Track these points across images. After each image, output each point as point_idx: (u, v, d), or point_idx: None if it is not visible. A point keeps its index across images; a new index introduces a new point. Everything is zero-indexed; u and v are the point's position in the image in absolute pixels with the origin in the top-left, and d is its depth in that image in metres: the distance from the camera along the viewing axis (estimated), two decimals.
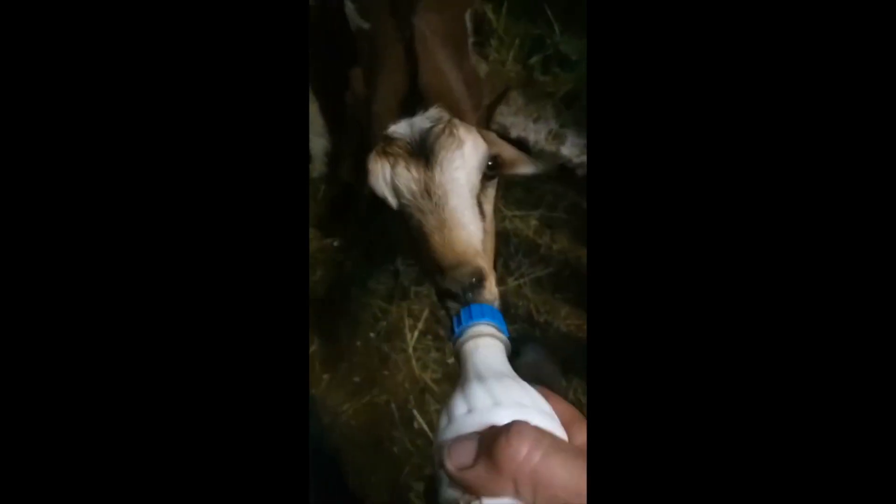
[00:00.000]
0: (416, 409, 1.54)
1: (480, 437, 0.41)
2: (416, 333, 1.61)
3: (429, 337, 1.62)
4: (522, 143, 1.63)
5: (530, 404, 0.45)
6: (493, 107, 1.14)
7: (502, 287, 1.34)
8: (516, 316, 1.58)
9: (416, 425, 1.53)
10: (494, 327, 0.56)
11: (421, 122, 0.89)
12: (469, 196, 0.85)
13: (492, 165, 0.89)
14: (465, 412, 0.44)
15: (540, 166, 1.05)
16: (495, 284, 0.81)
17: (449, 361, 1.57)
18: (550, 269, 1.62)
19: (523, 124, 1.67)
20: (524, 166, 1.04)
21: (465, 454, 0.40)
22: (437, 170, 0.84)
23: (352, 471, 1.47)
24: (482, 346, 0.54)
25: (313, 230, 1.73)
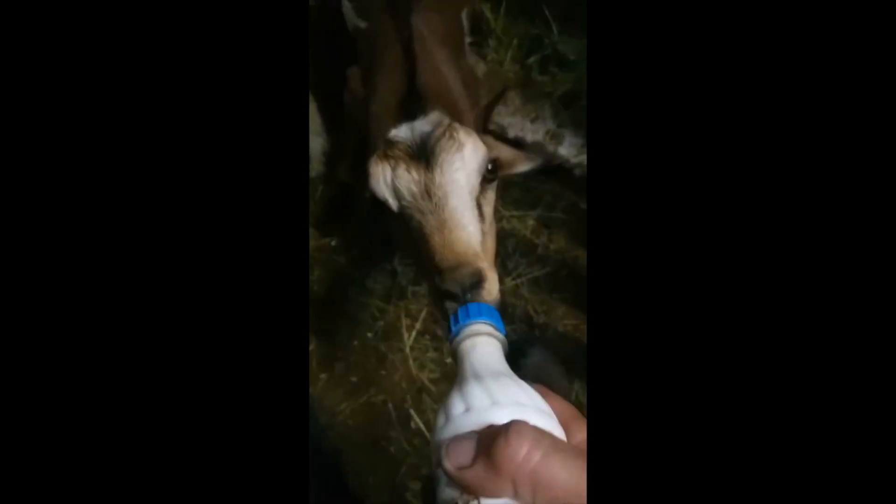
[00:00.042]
0: (413, 408, 1.54)
1: (479, 436, 0.40)
2: (413, 333, 1.61)
3: (426, 337, 1.61)
4: (520, 144, 1.63)
5: (528, 403, 0.44)
6: (490, 107, 1.14)
7: (500, 287, 1.34)
8: (513, 316, 1.57)
9: (413, 425, 1.52)
10: (492, 326, 0.56)
11: (421, 126, 0.90)
12: (469, 198, 0.86)
13: (491, 169, 0.90)
14: (463, 411, 0.44)
15: (537, 159, 1.06)
16: (496, 286, 0.81)
17: (447, 361, 1.57)
18: (548, 269, 1.62)
19: (521, 124, 1.67)
20: (522, 164, 1.04)
21: (463, 454, 0.39)
22: (437, 171, 0.85)
23: (351, 471, 1.47)
24: (479, 345, 0.54)
25: (311, 230, 1.73)
